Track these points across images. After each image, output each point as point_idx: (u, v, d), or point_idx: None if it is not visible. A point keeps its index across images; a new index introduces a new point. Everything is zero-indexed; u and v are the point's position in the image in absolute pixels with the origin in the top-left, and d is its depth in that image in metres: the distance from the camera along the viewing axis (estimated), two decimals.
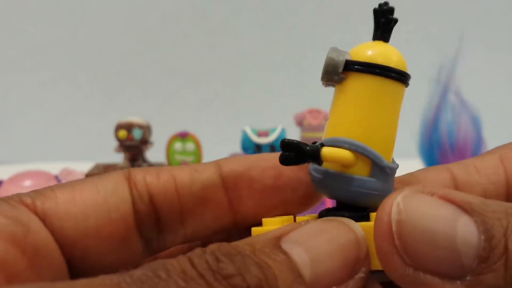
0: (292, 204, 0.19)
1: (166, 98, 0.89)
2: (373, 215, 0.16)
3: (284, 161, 0.16)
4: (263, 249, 0.14)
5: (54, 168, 0.58)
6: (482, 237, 0.13)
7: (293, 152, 0.16)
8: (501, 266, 0.13)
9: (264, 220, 0.18)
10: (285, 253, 0.14)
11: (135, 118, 0.58)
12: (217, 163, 0.19)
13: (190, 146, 0.59)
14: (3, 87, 0.89)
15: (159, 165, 0.60)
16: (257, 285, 0.13)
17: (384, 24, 0.17)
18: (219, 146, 0.65)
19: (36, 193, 0.17)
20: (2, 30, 0.88)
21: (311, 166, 0.17)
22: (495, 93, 0.84)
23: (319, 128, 0.58)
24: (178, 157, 0.59)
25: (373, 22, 0.17)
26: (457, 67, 0.61)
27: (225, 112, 0.89)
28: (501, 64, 0.87)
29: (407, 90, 0.18)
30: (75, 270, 0.17)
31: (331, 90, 0.18)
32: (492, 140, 0.54)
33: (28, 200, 0.17)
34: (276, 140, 0.56)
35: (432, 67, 0.61)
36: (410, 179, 0.19)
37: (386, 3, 0.17)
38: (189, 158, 0.59)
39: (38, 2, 0.87)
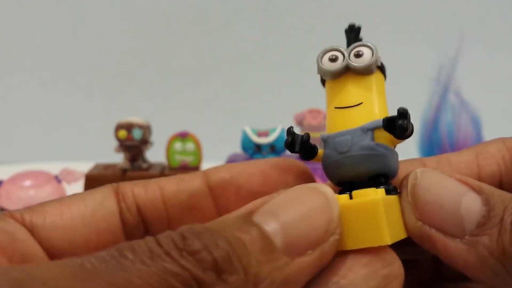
0: None
1: (166, 98, 0.89)
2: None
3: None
4: (234, 225, 0.14)
5: (54, 168, 0.57)
6: (483, 208, 0.16)
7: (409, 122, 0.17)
8: (495, 231, 0.15)
9: None
10: (255, 225, 0.14)
11: (135, 118, 0.58)
12: (204, 173, 0.20)
13: (190, 146, 0.59)
14: (3, 87, 0.89)
15: (159, 165, 0.60)
16: (224, 257, 0.13)
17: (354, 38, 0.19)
18: (219, 146, 0.65)
19: (26, 208, 0.18)
20: (2, 30, 0.88)
21: (359, 145, 0.17)
22: (495, 93, 0.84)
23: (319, 128, 0.58)
24: (178, 157, 0.59)
25: (372, 22, 0.19)
26: (457, 67, 0.61)
27: (225, 112, 0.89)
28: (501, 64, 0.87)
29: (407, 90, 0.18)
30: None
31: None
32: None
33: (17, 214, 0.17)
34: (276, 140, 0.56)
35: (432, 67, 0.61)
36: None
37: (353, 26, 0.19)
38: (189, 158, 0.59)
39: (38, 2, 0.87)
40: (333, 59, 0.18)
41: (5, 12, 0.87)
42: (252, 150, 0.56)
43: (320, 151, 0.18)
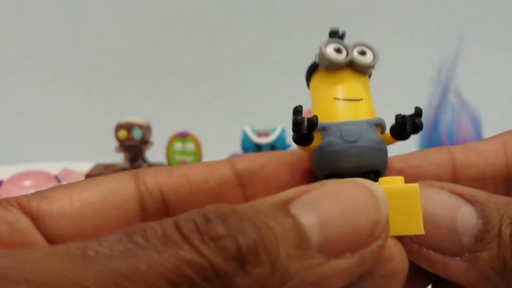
0: None
1: (166, 98, 0.89)
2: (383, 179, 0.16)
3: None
4: (267, 211, 0.13)
5: (54, 168, 0.57)
6: (480, 221, 0.15)
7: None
8: (494, 245, 0.15)
9: None
10: (291, 216, 0.13)
11: (135, 118, 0.58)
12: (230, 161, 0.19)
13: (190, 146, 0.59)
14: (3, 87, 0.89)
15: (159, 165, 0.60)
16: (250, 247, 0.12)
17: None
18: (219, 146, 0.65)
19: (35, 194, 0.17)
20: (2, 30, 0.88)
21: (366, 137, 0.17)
22: (495, 93, 0.84)
23: None
24: (178, 157, 0.59)
25: (372, 22, 0.19)
26: (457, 67, 0.61)
27: (225, 112, 0.89)
28: (501, 64, 0.87)
29: (407, 90, 0.18)
30: None
31: None
32: None
33: (24, 201, 0.17)
34: (276, 140, 0.56)
35: (432, 67, 0.61)
36: (408, 159, 0.19)
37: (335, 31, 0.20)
38: (189, 158, 0.59)
39: (38, 2, 0.87)
40: (337, 51, 0.18)
41: (5, 12, 0.87)
42: (252, 150, 0.56)
43: (316, 139, 0.17)
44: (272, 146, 0.56)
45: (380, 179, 0.16)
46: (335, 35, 0.19)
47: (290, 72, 0.88)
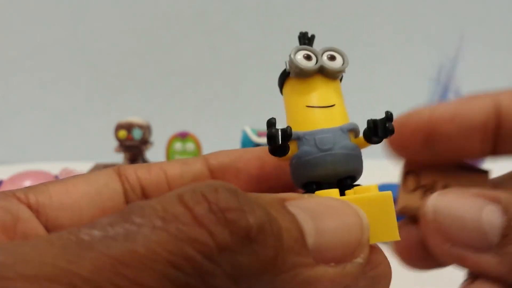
0: (276, 191, 0.19)
1: (166, 98, 0.89)
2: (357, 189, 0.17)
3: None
4: (268, 203, 0.13)
5: (54, 168, 0.57)
6: (504, 218, 0.16)
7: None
8: None
9: None
10: (291, 214, 0.13)
11: (135, 118, 0.58)
12: (204, 157, 0.20)
13: (190, 146, 0.59)
14: (3, 87, 0.89)
15: None
16: (260, 227, 0.12)
17: (308, 43, 0.20)
18: (219, 146, 0.65)
19: (28, 188, 0.18)
20: (2, 30, 0.88)
21: (341, 144, 0.17)
22: None
23: None
24: (178, 157, 0.59)
25: (372, 22, 0.19)
26: (457, 67, 0.61)
27: (225, 112, 0.89)
28: (501, 64, 0.87)
29: (408, 90, 0.18)
30: None
31: None
32: None
33: (21, 194, 0.17)
34: None
35: (432, 67, 0.61)
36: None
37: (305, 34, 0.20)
38: None
39: (38, 2, 0.87)
40: (307, 58, 0.18)
41: (5, 12, 0.87)
42: None
43: (292, 148, 0.18)
44: None
45: (355, 189, 0.17)
46: (304, 37, 0.20)
47: None
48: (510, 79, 0.88)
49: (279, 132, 0.17)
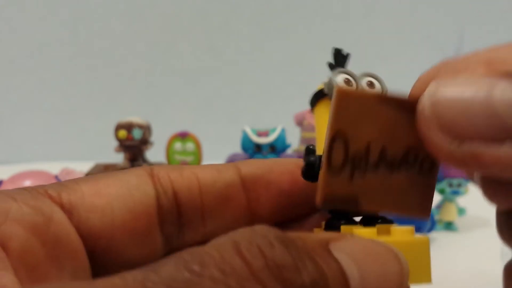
0: (305, 208, 0.19)
1: (166, 98, 0.89)
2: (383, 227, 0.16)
3: None
4: (314, 248, 0.13)
5: (54, 168, 0.57)
6: None
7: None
8: None
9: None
10: (336, 261, 0.13)
11: (135, 118, 0.58)
12: (235, 165, 0.20)
13: (190, 146, 0.59)
14: (3, 87, 0.89)
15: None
16: (313, 282, 0.12)
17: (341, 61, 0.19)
18: (219, 146, 0.65)
19: (60, 185, 0.17)
20: (2, 30, 0.88)
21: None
22: None
23: None
24: (178, 157, 0.59)
25: (373, 22, 0.18)
26: None
27: (225, 112, 0.89)
28: None
29: (408, 89, 0.18)
30: (97, 263, 0.17)
31: None
32: None
33: (53, 192, 0.17)
34: (276, 140, 0.56)
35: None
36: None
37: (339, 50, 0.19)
38: (189, 158, 0.59)
39: (38, 2, 0.87)
40: (347, 82, 0.18)
41: (5, 12, 0.87)
42: (252, 150, 0.56)
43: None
44: (272, 146, 0.56)
45: (392, 230, 0.16)
46: (338, 55, 0.19)
47: (290, 72, 0.88)
48: None
49: (318, 160, 0.17)
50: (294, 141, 0.59)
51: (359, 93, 0.16)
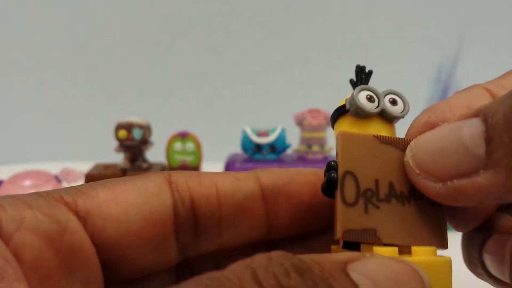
0: (325, 221, 0.19)
1: (166, 98, 0.89)
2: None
3: None
4: (331, 272, 0.13)
5: (54, 168, 0.57)
6: (484, 124, 0.14)
7: None
8: (505, 136, 0.14)
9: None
10: (354, 284, 0.13)
11: (135, 118, 0.58)
12: (255, 174, 0.19)
13: (190, 146, 0.59)
14: (3, 87, 0.89)
15: (159, 165, 0.60)
16: None
17: (363, 78, 0.19)
18: (219, 146, 0.65)
19: (77, 190, 0.17)
20: (2, 30, 0.88)
21: None
22: None
23: (319, 128, 0.58)
24: (178, 157, 0.59)
25: (373, 22, 0.18)
26: (457, 67, 0.61)
27: (225, 112, 0.89)
28: (501, 64, 0.87)
29: (408, 90, 0.18)
30: (111, 271, 0.17)
31: (331, 90, 0.18)
32: None
33: (69, 198, 0.16)
34: (276, 140, 0.56)
35: (432, 67, 0.61)
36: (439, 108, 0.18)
37: (363, 68, 0.19)
38: (189, 158, 0.59)
39: (38, 2, 0.87)
40: (370, 99, 0.18)
41: (5, 12, 0.87)
42: (252, 150, 0.56)
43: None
44: (272, 146, 0.56)
45: (413, 249, 0.16)
46: (361, 72, 0.19)
47: (290, 72, 0.88)
48: None
49: (337, 177, 0.17)
50: (294, 141, 0.59)
51: (361, 135, 0.17)
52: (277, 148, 0.57)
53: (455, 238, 0.19)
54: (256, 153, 0.56)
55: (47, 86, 0.89)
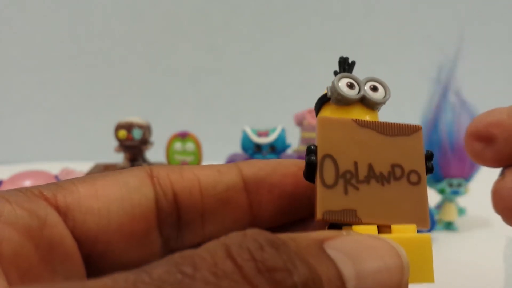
0: (308, 211, 0.19)
1: (166, 98, 0.89)
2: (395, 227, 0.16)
3: None
4: (307, 249, 0.13)
5: (54, 168, 0.57)
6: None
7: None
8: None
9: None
10: (330, 259, 0.13)
11: (135, 118, 0.58)
12: (237, 166, 0.19)
13: (190, 146, 0.59)
14: (3, 87, 0.89)
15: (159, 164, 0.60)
16: (304, 283, 0.12)
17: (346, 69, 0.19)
18: (219, 146, 0.65)
19: (56, 186, 0.17)
20: (2, 30, 0.88)
21: None
22: (495, 93, 0.84)
23: None
24: (178, 157, 0.59)
25: (373, 22, 0.18)
26: (457, 67, 0.61)
27: (225, 112, 0.89)
28: (501, 64, 0.87)
29: (408, 89, 0.18)
30: (94, 266, 0.17)
31: None
32: None
33: (49, 193, 0.16)
34: (276, 140, 0.56)
35: (432, 67, 0.61)
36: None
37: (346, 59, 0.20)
38: (189, 158, 0.59)
39: (38, 2, 0.87)
40: (350, 86, 0.18)
41: (5, 12, 0.87)
42: (252, 150, 0.56)
43: None
44: (272, 146, 0.56)
45: (393, 227, 0.16)
46: (344, 63, 0.19)
47: (290, 72, 0.88)
48: (510, 79, 0.88)
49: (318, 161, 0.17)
50: (294, 141, 0.59)
51: (339, 119, 0.17)
52: (277, 148, 0.57)
53: (454, 238, 0.19)
54: (256, 153, 0.56)
55: (47, 86, 0.89)
